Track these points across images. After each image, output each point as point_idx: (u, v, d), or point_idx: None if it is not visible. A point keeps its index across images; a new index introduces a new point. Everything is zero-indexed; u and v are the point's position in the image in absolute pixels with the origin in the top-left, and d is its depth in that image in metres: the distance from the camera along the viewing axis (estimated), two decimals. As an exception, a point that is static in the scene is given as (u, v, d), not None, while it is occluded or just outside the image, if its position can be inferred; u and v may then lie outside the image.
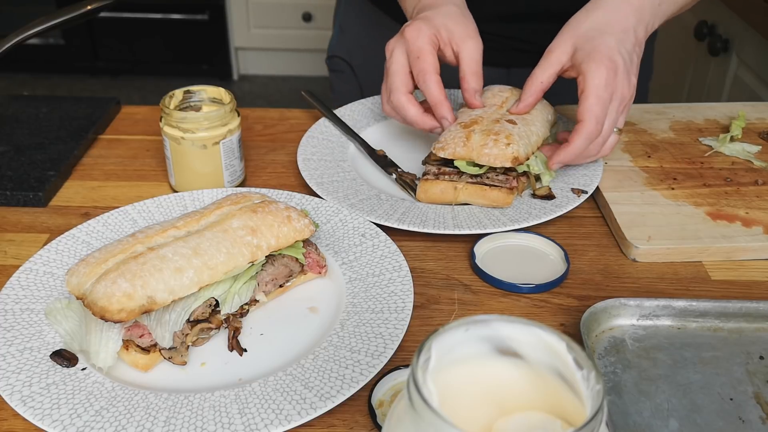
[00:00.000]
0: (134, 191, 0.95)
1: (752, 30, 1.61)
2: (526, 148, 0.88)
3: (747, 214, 0.89)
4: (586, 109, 0.83)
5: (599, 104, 0.83)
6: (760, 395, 0.66)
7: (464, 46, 0.91)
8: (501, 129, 0.88)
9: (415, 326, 0.74)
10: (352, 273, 0.78)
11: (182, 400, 0.63)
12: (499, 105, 0.93)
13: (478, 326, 0.43)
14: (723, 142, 1.03)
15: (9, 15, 3.31)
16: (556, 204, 0.88)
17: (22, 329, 0.70)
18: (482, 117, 0.91)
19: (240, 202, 0.76)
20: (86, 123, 1.07)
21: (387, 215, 0.86)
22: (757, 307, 0.74)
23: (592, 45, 0.85)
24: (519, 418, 0.42)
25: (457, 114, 0.94)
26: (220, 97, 0.93)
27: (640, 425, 0.63)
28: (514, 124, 0.89)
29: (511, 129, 0.88)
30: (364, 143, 1.00)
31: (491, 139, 0.86)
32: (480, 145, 0.86)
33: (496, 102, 0.94)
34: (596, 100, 0.83)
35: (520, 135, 0.88)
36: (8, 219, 0.90)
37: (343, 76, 1.29)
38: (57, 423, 0.60)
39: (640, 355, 0.70)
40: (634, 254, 0.84)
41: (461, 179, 0.88)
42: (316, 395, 0.63)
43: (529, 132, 0.89)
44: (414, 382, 0.39)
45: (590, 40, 0.86)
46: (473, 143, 0.87)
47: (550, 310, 0.77)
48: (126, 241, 0.69)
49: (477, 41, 0.92)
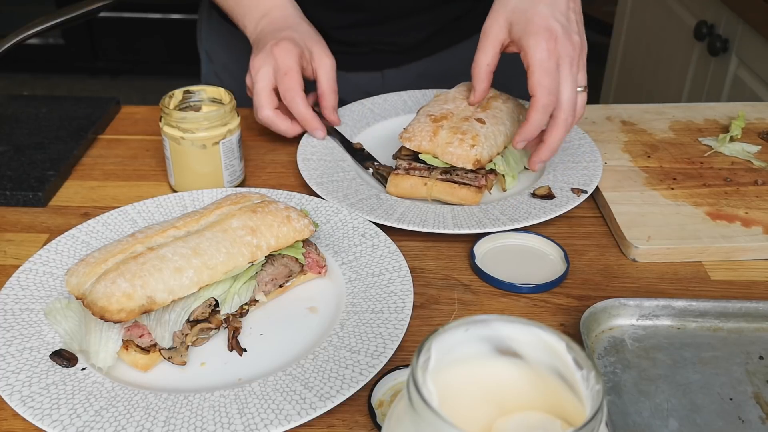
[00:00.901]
0: (134, 191, 0.95)
1: (752, 30, 1.62)
2: (491, 150, 0.89)
3: (746, 214, 0.89)
4: (535, 84, 0.84)
5: (546, 75, 0.84)
6: (760, 395, 0.66)
7: (321, 65, 0.99)
8: (468, 128, 0.89)
9: (415, 326, 0.74)
10: (352, 273, 0.78)
11: (182, 400, 0.63)
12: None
13: (477, 326, 0.43)
14: (723, 142, 1.03)
15: (9, 15, 3.31)
16: (555, 204, 0.88)
17: (21, 329, 0.70)
18: (452, 113, 0.92)
19: (240, 202, 0.76)
20: (86, 123, 1.07)
21: (387, 215, 0.86)
22: (756, 307, 0.74)
23: (525, 17, 0.85)
24: (519, 418, 0.42)
25: (430, 103, 0.96)
26: (220, 97, 0.93)
27: (639, 425, 0.63)
28: (482, 123, 0.90)
29: (478, 129, 0.89)
30: (341, 137, 1.02)
31: (457, 138, 0.87)
32: (445, 143, 0.88)
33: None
34: (543, 72, 0.83)
35: (487, 136, 0.89)
36: (8, 219, 0.90)
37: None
38: (56, 423, 0.60)
39: (639, 355, 0.70)
40: (633, 254, 0.84)
41: (431, 175, 0.90)
42: (315, 395, 0.63)
43: (496, 132, 0.91)
44: (414, 382, 0.39)
45: (523, 12, 0.86)
46: (439, 139, 0.88)
47: (549, 310, 0.77)
48: (126, 241, 0.69)
49: (332, 59, 1.00)
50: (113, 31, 3.49)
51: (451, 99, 0.96)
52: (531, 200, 0.89)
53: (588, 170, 0.94)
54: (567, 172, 0.94)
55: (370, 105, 1.10)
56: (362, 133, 1.05)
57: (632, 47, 2.33)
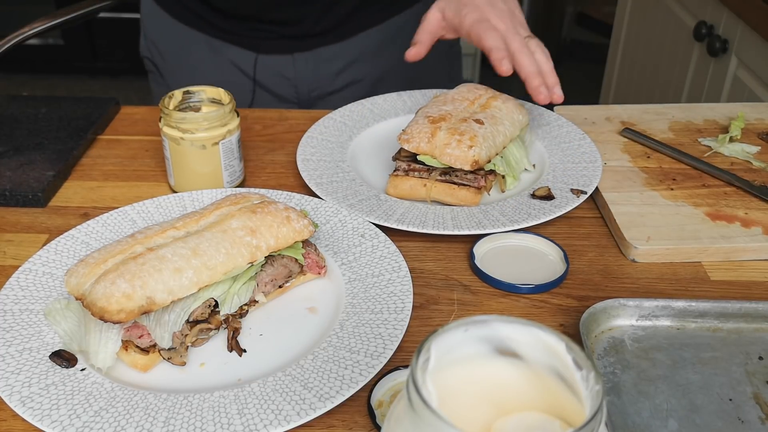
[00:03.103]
0: (133, 191, 0.95)
1: (751, 31, 1.62)
2: (489, 150, 0.89)
3: (746, 215, 0.89)
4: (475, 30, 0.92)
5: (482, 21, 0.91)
6: (759, 395, 0.66)
7: None
8: (467, 129, 0.89)
9: (415, 327, 0.74)
10: (352, 273, 0.78)
11: (181, 401, 0.63)
12: (471, 101, 0.95)
13: (477, 327, 0.43)
14: (722, 142, 1.03)
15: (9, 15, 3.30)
16: (555, 204, 0.88)
17: (21, 330, 0.70)
18: (451, 114, 0.92)
19: (239, 203, 0.76)
20: (85, 123, 1.07)
21: (386, 216, 0.86)
22: (756, 307, 0.74)
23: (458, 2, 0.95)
24: (518, 418, 0.42)
25: (429, 104, 0.97)
26: (220, 97, 0.93)
27: (639, 425, 0.63)
28: (481, 123, 0.90)
29: (476, 129, 0.89)
30: None
31: (455, 139, 0.87)
32: (443, 144, 0.88)
33: (469, 98, 0.96)
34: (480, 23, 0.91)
35: (485, 136, 0.89)
36: (7, 219, 0.90)
37: (154, 76, 1.33)
38: (56, 423, 0.60)
39: (639, 355, 0.70)
40: (633, 254, 0.84)
41: (430, 177, 0.90)
42: (315, 396, 0.63)
43: (495, 132, 0.91)
44: (413, 383, 0.39)
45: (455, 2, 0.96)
46: (437, 140, 0.88)
47: (549, 310, 0.77)
48: (125, 242, 0.69)
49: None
50: (113, 32, 3.48)
51: (450, 100, 0.96)
52: (531, 201, 0.89)
53: (588, 171, 0.94)
54: (566, 173, 0.94)
55: (369, 105, 1.10)
56: (362, 133, 1.05)
57: (632, 47, 2.33)
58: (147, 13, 1.28)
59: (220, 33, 1.20)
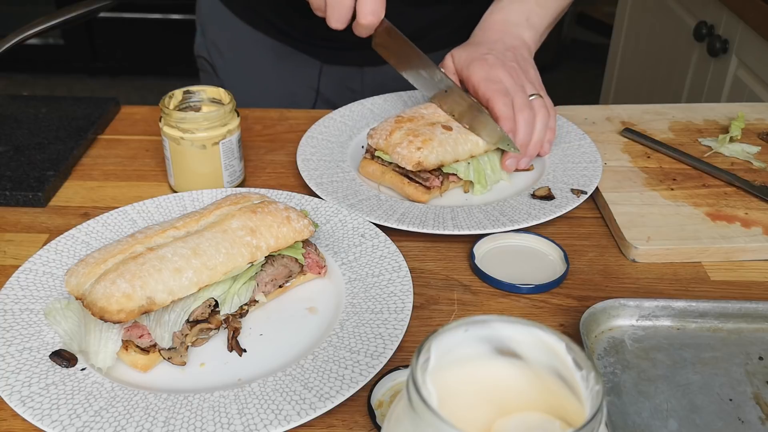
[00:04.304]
0: (133, 191, 0.95)
1: (752, 31, 1.62)
2: (444, 155, 0.90)
3: (746, 215, 0.89)
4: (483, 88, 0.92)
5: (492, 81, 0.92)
6: (760, 396, 0.66)
7: None
8: (425, 132, 0.90)
9: (415, 327, 0.74)
10: (352, 273, 0.78)
11: (181, 401, 0.63)
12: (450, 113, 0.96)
13: (477, 327, 0.43)
14: (722, 142, 1.03)
15: (9, 15, 3.31)
16: (555, 204, 0.88)
17: (21, 329, 0.70)
18: (423, 116, 0.95)
19: (239, 203, 0.76)
20: (85, 123, 1.07)
21: (386, 215, 0.86)
22: (756, 307, 0.74)
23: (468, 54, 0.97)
24: (518, 418, 0.42)
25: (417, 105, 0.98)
26: (220, 97, 0.93)
27: (639, 426, 0.63)
28: (449, 130, 0.92)
29: (436, 134, 0.90)
30: None
31: (407, 140, 0.90)
32: (396, 143, 0.91)
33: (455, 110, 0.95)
34: (487, 81, 0.92)
35: (443, 142, 0.90)
36: (7, 219, 0.90)
37: (207, 76, 1.32)
38: (56, 423, 0.60)
39: (639, 355, 0.70)
40: (633, 255, 0.84)
41: (390, 165, 0.93)
42: (315, 395, 0.63)
43: (461, 140, 0.92)
44: (413, 383, 0.39)
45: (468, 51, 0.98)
46: (392, 139, 0.91)
47: (549, 310, 0.77)
48: (125, 242, 0.69)
49: None
50: (113, 31, 3.48)
51: (436, 106, 0.97)
52: (531, 201, 0.89)
53: (588, 171, 0.94)
54: (567, 173, 0.94)
55: (369, 105, 1.10)
56: (362, 133, 1.05)
57: (632, 48, 2.33)
58: (207, 12, 1.26)
59: (289, 39, 1.18)
